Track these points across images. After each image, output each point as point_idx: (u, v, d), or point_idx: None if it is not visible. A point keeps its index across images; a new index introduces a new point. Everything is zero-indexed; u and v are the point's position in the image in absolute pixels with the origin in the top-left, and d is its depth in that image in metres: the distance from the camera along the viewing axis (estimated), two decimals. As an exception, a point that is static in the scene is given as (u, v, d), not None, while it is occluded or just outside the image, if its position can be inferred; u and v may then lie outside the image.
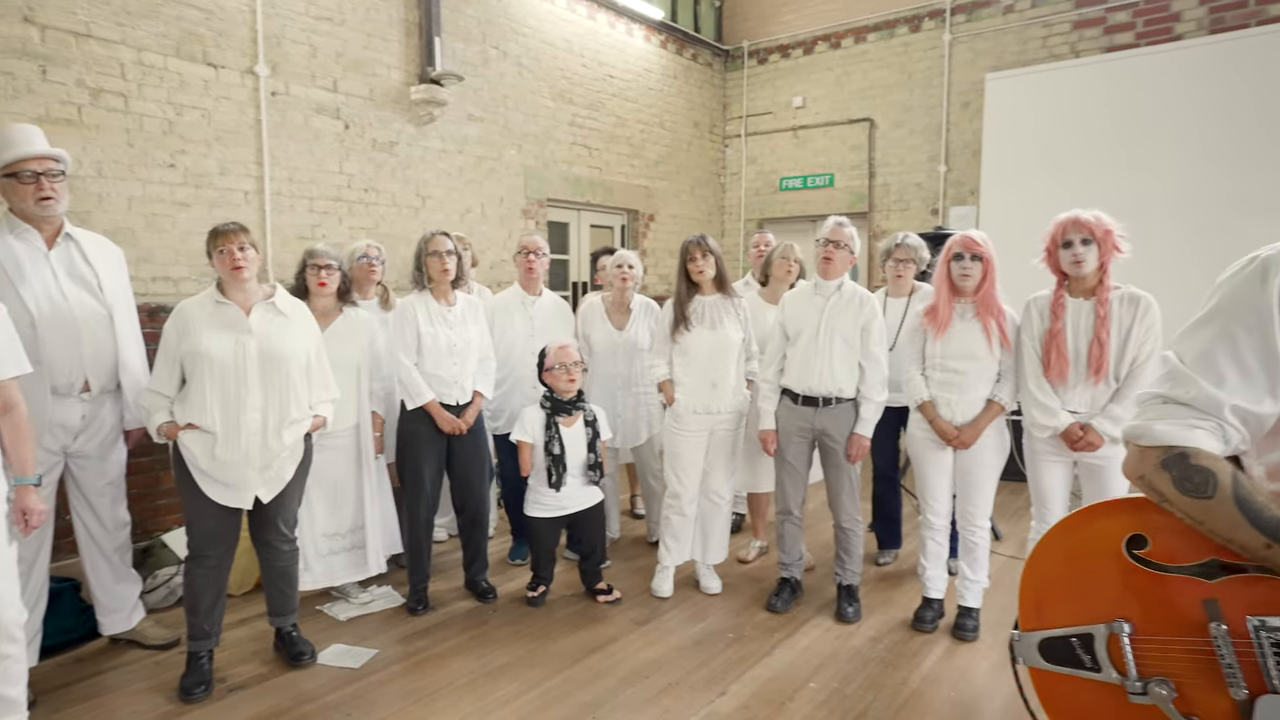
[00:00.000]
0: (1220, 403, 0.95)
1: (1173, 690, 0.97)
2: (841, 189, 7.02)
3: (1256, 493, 0.90)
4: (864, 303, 3.08)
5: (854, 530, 3.18)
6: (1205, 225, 4.96)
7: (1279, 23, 5.00)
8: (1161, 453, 0.97)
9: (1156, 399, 1.01)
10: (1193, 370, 0.98)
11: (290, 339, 2.63)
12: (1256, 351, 0.94)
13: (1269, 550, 0.88)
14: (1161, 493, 0.97)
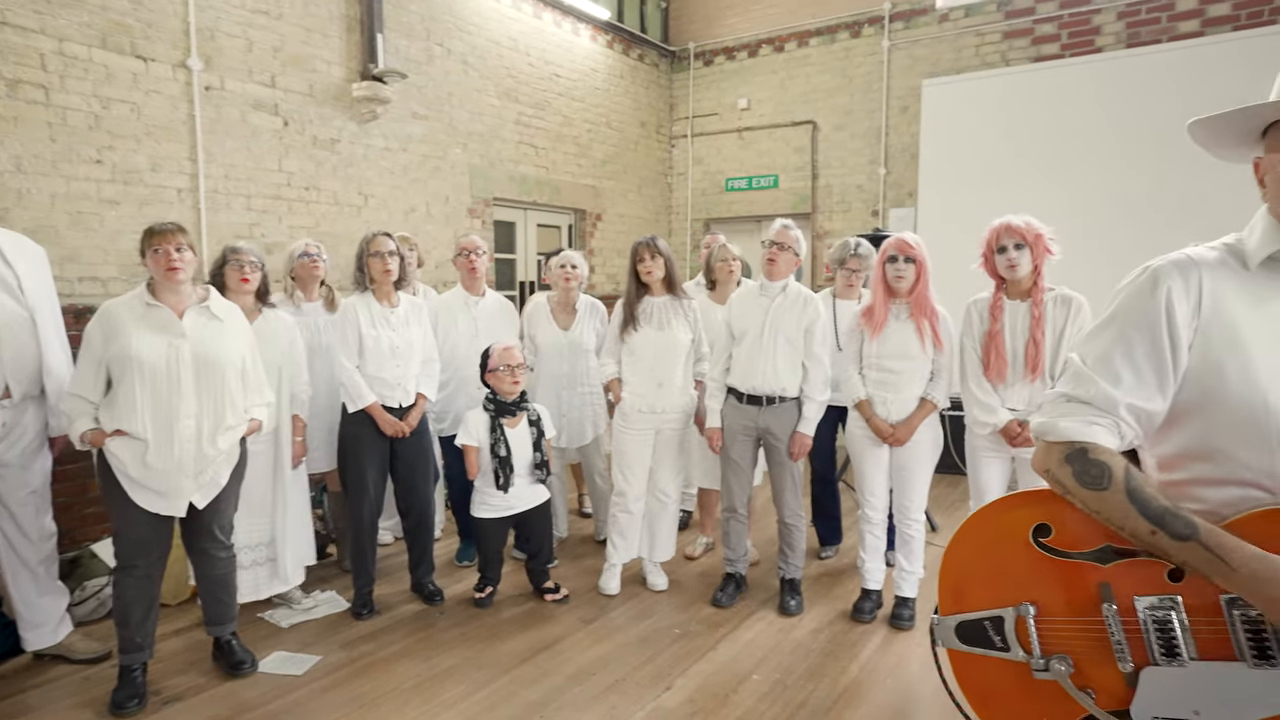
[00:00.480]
0: (1116, 401, 1.03)
1: (1071, 666, 1.05)
2: (786, 190, 7.16)
3: (1145, 484, 0.98)
4: (807, 304, 3.17)
5: (797, 526, 3.26)
6: (1126, 228, 5.23)
7: (1187, 39, 5.30)
8: (1065, 448, 1.05)
9: (1062, 398, 1.09)
10: (1093, 371, 1.06)
11: (225, 343, 2.57)
12: (1148, 354, 1.02)
13: (1154, 536, 0.96)
14: (1064, 485, 1.05)
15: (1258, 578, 0.88)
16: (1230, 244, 1.05)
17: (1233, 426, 0.98)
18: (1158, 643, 0.99)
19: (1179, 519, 0.94)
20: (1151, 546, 0.97)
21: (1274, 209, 1.00)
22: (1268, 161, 1.01)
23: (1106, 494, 1.00)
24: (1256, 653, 0.93)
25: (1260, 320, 0.98)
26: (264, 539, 3.14)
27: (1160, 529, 0.95)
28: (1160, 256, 1.06)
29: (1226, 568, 0.90)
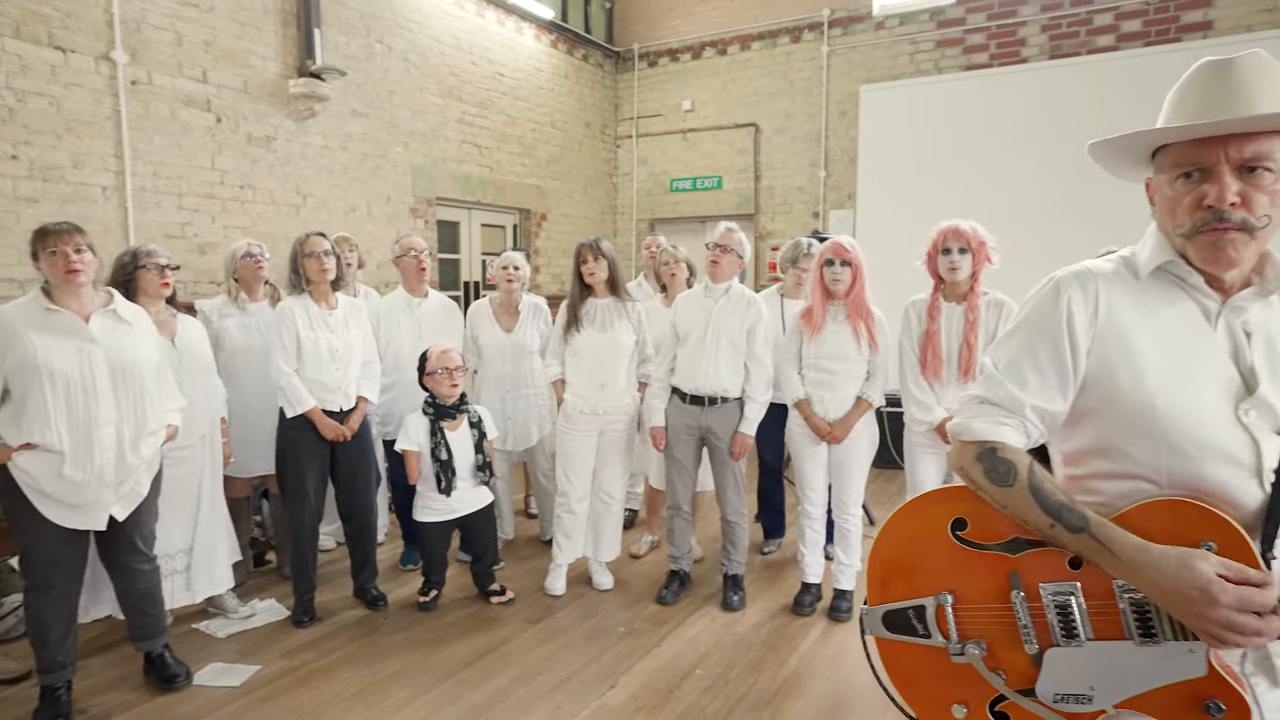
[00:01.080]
0: (1022, 403, 1.11)
1: (984, 649, 1.12)
2: (729, 191, 7.26)
3: (1046, 481, 1.06)
4: (750, 306, 3.24)
5: (739, 523, 3.33)
6: (1052, 231, 5.47)
7: (1105, 52, 5.59)
8: (977, 447, 1.12)
9: (975, 400, 1.17)
10: (1002, 375, 1.13)
11: (138, 347, 2.48)
12: (1051, 359, 1.09)
13: (1052, 529, 1.04)
14: (976, 482, 1.12)
15: (1136, 563, 0.96)
16: (1126, 256, 1.13)
17: (1125, 426, 1.05)
18: (1059, 625, 1.07)
19: (1074, 513, 1.02)
20: (1051, 538, 1.05)
21: (1162, 225, 1.09)
22: (1156, 182, 1.09)
23: (1012, 490, 1.07)
24: (1142, 631, 1.01)
25: (1149, 328, 1.06)
26: (184, 546, 3.03)
27: (1058, 522, 1.03)
28: (1063, 268, 1.14)
29: (1112, 556, 0.98)
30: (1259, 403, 1.01)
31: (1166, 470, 1.03)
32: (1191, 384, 1.03)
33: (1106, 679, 1.04)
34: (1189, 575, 0.93)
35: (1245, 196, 0.97)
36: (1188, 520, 0.99)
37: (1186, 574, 0.93)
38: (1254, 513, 1.00)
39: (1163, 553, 0.96)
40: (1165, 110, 1.09)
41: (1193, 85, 1.04)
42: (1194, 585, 0.92)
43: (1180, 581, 0.93)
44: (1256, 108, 0.97)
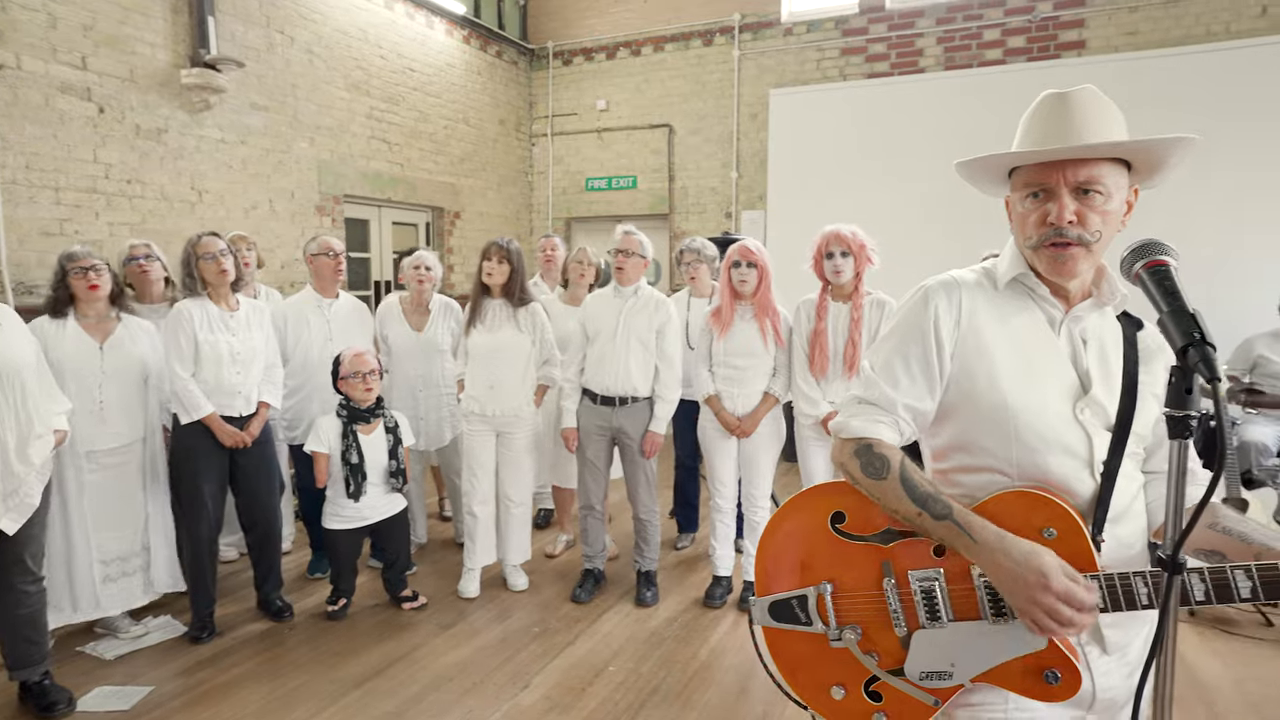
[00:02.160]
0: (895, 402, 1.20)
1: (859, 634, 1.21)
2: (644, 191, 7.34)
3: (915, 473, 1.16)
4: (659, 306, 3.30)
5: (651, 521, 3.39)
6: (952, 234, 5.77)
7: (993, 65, 5.94)
8: (855, 443, 1.21)
9: (855, 400, 1.26)
10: (878, 376, 1.23)
11: (12, 347, 2.35)
12: (920, 362, 1.19)
13: (919, 518, 1.13)
14: (853, 476, 1.21)
15: (990, 546, 1.06)
16: (987, 268, 1.25)
17: (982, 423, 1.16)
18: (924, 608, 1.16)
19: (938, 502, 1.11)
20: (918, 526, 1.14)
21: (1017, 240, 1.20)
22: (1011, 200, 1.21)
23: (885, 482, 1.15)
24: (995, 611, 1.12)
25: (1004, 333, 1.17)
26: (123, 552, 3.01)
27: (924, 510, 1.12)
28: (932, 278, 1.24)
29: (970, 540, 1.08)
30: (1092, 402, 1.13)
31: (1017, 462, 1.14)
32: (1038, 384, 1.14)
33: (964, 656, 1.13)
34: (1035, 561, 1.02)
35: (1080, 215, 1.08)
36: (1034, 509, 1.10)
37: (1034, 559, 1.02)
38: (1088, 500, 1.12)
39: (1015, 540, 1.05)
40: (1017, 135, 1.20)
41: (1037, 114, 1.15)
42: (1035, 569, 1.01)
43: (1025, 565, 1.02)
44: (1086, 137, 1.08)
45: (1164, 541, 0.94)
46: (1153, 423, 1.17)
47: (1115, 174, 1.09)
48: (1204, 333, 0.88)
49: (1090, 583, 1.03)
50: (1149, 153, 1.08)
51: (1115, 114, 1.11)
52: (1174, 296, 0.94)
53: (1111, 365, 1.16)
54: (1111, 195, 1.09)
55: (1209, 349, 0.87)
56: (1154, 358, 1.18)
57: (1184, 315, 0.91)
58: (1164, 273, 0.98)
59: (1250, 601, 0.98)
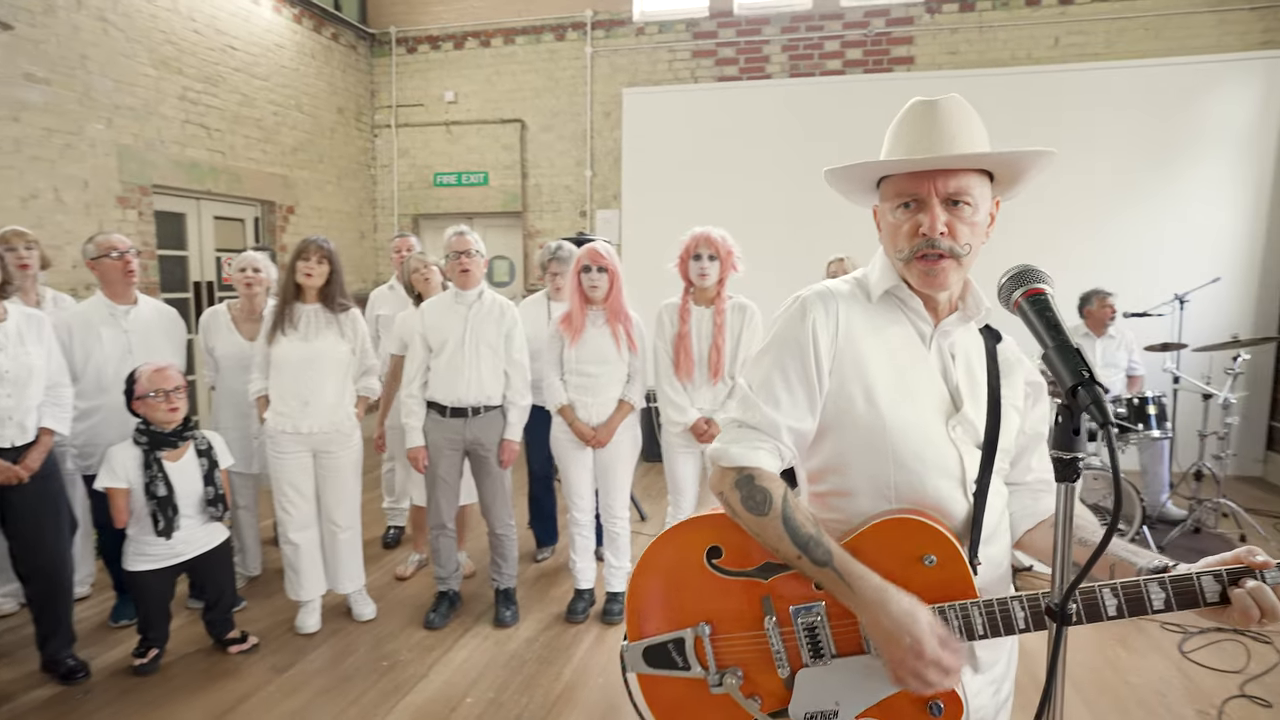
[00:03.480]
0: (778, 425, 1.13)
1: (741, 678, 1.13)
2: (496, 188, 7.09)
3: (798, 512, 1.09)
4: (505, 311, 3.14)
5: (508, 536, 3.24)
6: (797, 235, 6.00)
7: (834, 75, 6.23)
8: (735, 473, 1.12)
9: (734, 423, 1.17)
10: (757, 396, 1.14)
11: None
12: (800, 378, 1.12)
13: (799, 560, 1.07)
14: (733, 508, 1.12)
15: (869, 601, 1.01)
16: (859, 278, 1.20)
17: (859, 442, 1.11)
18: (808, 646, 1.10)
19: (820, 547, 1.05)
20: (798, 568, 1.08)
21: (887, 250, 1.16)
22: (880, 209, 1.16)
23: (766, 519, 1.08)
24: None
25: (879, 347, 1.13)
26: None
27: (804, 554, 1.05)
28: (807, 287, 1.19)
29: (850, 591, 1.03)
30: (964, 419, 1.12)
31: (894, 484, 1.10)
32: (914, 402, 1.11)
33: (849, 693, 1.08)
34: (910, 624, 0.98)
35: (951, 227, 1.06)
36: (913, 535, 1.06)
37: (908, 622, 0.98)
38: (963, 522, 1.10)
39: (895, 596, 1.01)
40: (886, 144, 1.15)
41: (907, 121, 1.11)
42: (910, 633, 0.98)
43: (901, 627, 0.98)
44: (958, 147, 1.06)
45: (1052, 587, 0.91)
46: (1014, 436, 1.17)
47: (981, 185, 1.08)
48: (1092, 372, 0.85)
49: (959, 644, 1.01)
50: (1014, 164, 1.07)
51: (980, 124, 1.09)
52: (1057, 330, 0.91)
53: (977, 380, 1.15)
54: (979, 207, 1.07)
55: (1099, 389, 0.84)
56: (1013, 370, 1.18)
57: (1070, 352, 0.88)
58: (1044, 303, 0.95)
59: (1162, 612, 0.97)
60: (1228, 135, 5.57)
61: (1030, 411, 1.20)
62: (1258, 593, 0.91)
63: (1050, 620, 0.88)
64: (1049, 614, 0.88)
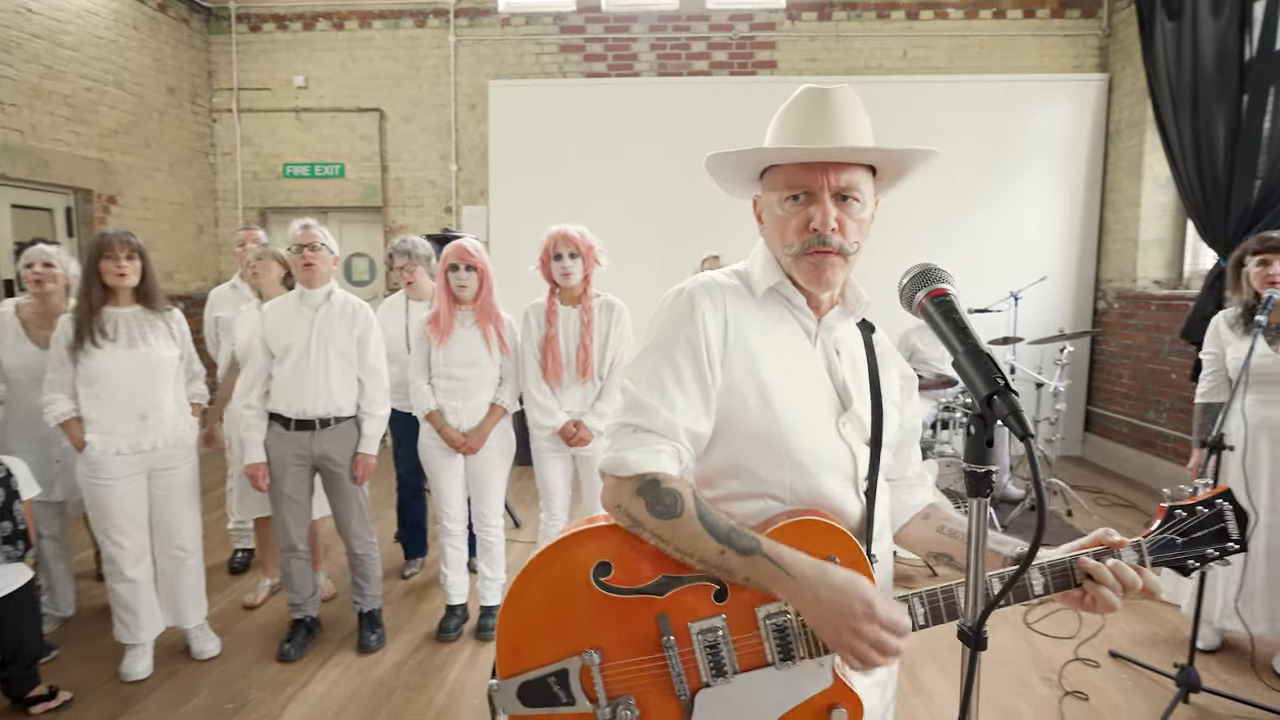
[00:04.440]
0: (676, 427, 1.03)
1: (635, 710, 1.03)
2: (353, 180, 6.66)
3: (712, 506, 1.02)
4: (358, 312, 2.91)
5: (369, 555, 3.00)
6: (669, 233, 6.03)
7: (702, 76, 6.32)
8: (636, 481, 1.01)
9: (626, 428, 1.05)
10: (649, 397, 1.04)
11: None
12: (694, 376, 1.04)
13: (722, 556, 0.98)
14: (636, 519, 1.02)
15: (808, 578, 0.95)
16: (740, 272, 1.14)
17: (752, 444, 1.05)
18: (708, 664, 1.02)
19: (744, 536, 0.98)
20: (719, 567, 0.99)
21: (769, 244, 1.11)
22: (765, 201, 1.10)
23: (679, 521, 0.99)
24: (782, 654, 1.02)
25: (769, 346, 1.07)
26: None
27: (728, 547, 0.97)
28: (690, 279, 1.11)
29: (784, 575, 0.96)
30: (853, 416, 1.08)
31: (790, 485, 1.04)
32: (805, 400, 1.06)
33: (753, 709, 1.02)
34: (856, 590, 0.94)
35: (841, 223, 1.01)
36: (815, 537, 1.01)
37: (854, 589, 0.94)
38: (858, 521, 1.07)
39: (833, 567, 0.97)
40: (772, 131, 1.09)
41: (798, 109, 1.05)
42: (860, 598, 0.93)
43: (849, 594, 0.93)
44: (853, 140, 1.01)
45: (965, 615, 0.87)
46: (896, 430, 1.16)
47: (867, 182, 1.04)
48: (1007, 379, 0.81)
49: (901, 604, 0.98)
50: (902, 163, 1.05)
51: (867, 119, 1.06)
52: (965, 334, 0.87)
53: (860, 376, 1.13)
54: (865, 204, 1.04)
55: (1015, 398, 0.79)
56: (889, 364, 1.17)
57: (983, 358, 0.83)
58: (950, 304, 0.91)
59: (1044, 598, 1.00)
60: (1051, 147, 6.13)
61: (905, 405, 1.19)
62: (1117, 569, 0.96)
63: (965, 644, 0.85)
64: (963, 638, 0.85)
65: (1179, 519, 1.00)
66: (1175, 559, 1.00)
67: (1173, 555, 0.99)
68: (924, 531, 1.21)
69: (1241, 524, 0.99)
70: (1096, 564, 0.97)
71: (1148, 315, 5.59)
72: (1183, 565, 1.00)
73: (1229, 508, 0.99)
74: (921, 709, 2.64)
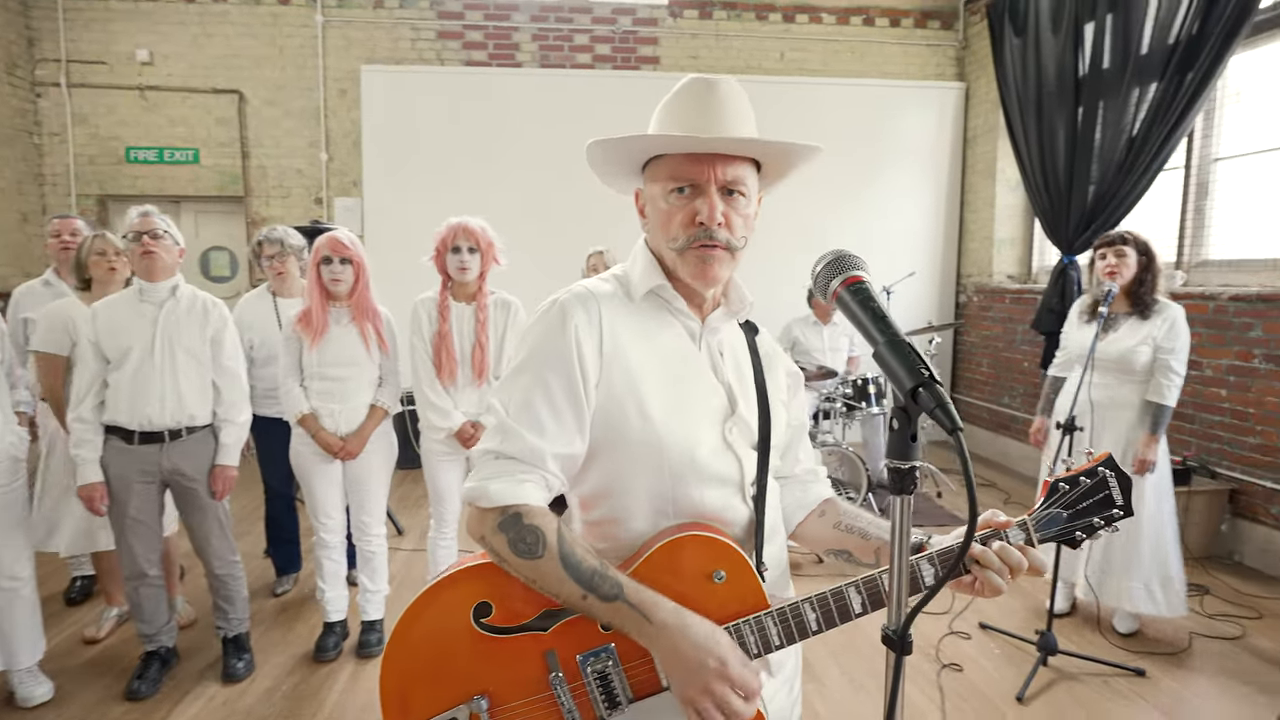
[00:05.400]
0: (543, 454, 0.96)
1: None
2: (210, 167, 6.12)
3: (577, 546, 0.95)
4: (210, 309, 2.64)
5: (232, 575, 2.74)
6: (553, 228, 5.93)
7: (585, 69, 6.25)
8: (498, 514, 0.95)
9: (490, 455, 0.99)
10: (516, 422, 0.98)
11: None
12: (566, 396, 0.97)
13: (585, 601, 0.93)
14: (499, 554, 0.96)
15: (668, 626, 0.91)
16: (619, 276, 1.08)
17: (635, 461, 1.00)
18: (601, 697, 0.97)
19: (607, 580, 0.93)
20: (584, 610, 0.94)
21: (651, 241, 1.05)
22: (648, 194, 1.04)
23: (541, 561, 0.93)
24: None
25: (649, 354, 1.02)
26: None
27: (591, 592, 0.92)
28: (564, 290, 1.04)
29: (645, 621, 0.92)
30: (739, 420, 1.05)
31: (673, 499, 1.00)
32: (690, 409, 1.02)
33: None
34: (713, 645, 0.91)
35: (727, 218, 0.98)
36: (700, 553, 0.98)
37: (712, 643, 0.91)
38: (745, 528, 1.04)
39: (695, 619, 0.93)
40: (656, 120, 1.04)
41: (684, 100, 1.01)
42: (715, 655, 0.90)
43: (704, 649, 0.90)
44: (742, 131, 0.98)
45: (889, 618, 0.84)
46: (784, 430, 1.14)
47: (753, 177, 1.01)
48: (932, 370, 0.77)
49: (755, 666, 0.95)
50: (788, 158, 1.02)
51: (752, 112, 1.03)
52: (885, 323, 0.83)
53: (745, 378, 1.10)
54: (750, 199, 1.01)
55: (940, 389, 0.75)
56: (774, 363, 1.15)
57: (905, 349, 0.79)
58: (866, 292, 0.87)
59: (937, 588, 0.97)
60: (917, 150, 6.50)
61: (792, 402, 1.18)
62: (1003, 552, 0.96)
63: (889, 650, 0.83)
64: (887, 643, 0.82)
65: (1063, 492, 1.02)
66: (1063, 532, 1.02)
67: (1060, 529, 1.02)
68: (821, 529, 1.20)
69: (1125, 489, 1.01)
70: (982, 549, 0.97)
71: (1003, 308, 6.05)
72: (1071, 538, 1.02)
73: (1111, 474, 1.01)
74: (815, 696, 2.71)
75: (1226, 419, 4.01)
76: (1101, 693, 2.69)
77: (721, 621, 0.96)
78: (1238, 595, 3.48)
